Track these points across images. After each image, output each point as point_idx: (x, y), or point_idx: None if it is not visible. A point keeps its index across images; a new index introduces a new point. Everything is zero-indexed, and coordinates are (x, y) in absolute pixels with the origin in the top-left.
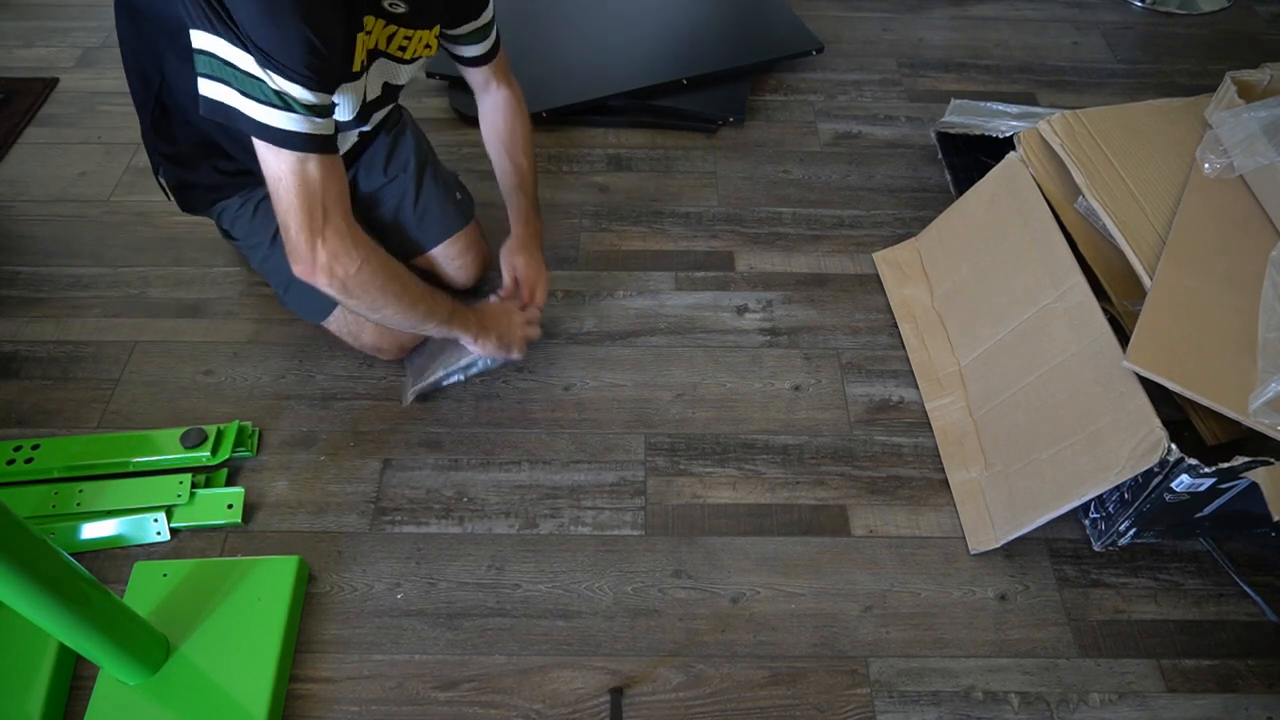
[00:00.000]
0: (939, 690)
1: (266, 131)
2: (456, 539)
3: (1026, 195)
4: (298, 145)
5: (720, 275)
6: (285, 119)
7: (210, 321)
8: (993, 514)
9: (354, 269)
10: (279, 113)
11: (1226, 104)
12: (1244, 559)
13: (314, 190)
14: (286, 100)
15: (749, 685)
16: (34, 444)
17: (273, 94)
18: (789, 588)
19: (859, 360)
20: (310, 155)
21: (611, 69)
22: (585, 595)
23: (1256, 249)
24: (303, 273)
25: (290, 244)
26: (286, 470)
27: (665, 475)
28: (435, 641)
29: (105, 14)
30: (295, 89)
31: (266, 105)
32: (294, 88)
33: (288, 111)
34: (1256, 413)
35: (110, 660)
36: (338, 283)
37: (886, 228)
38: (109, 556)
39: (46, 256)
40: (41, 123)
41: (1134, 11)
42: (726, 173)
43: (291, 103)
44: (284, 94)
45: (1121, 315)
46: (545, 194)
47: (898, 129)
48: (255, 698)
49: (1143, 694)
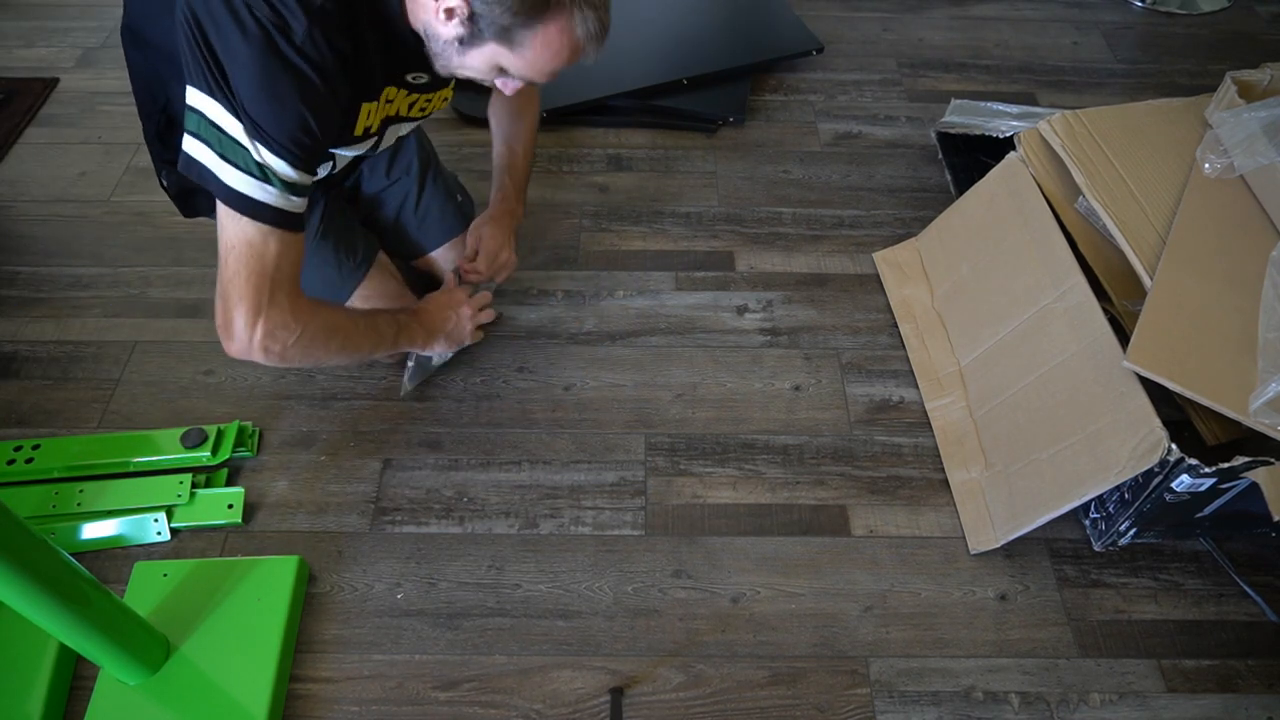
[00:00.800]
0: (939, 690)
1: (237, 198)
2: (456, 539)
3: (1026, 195)
4: (266, 218)
5: (720, 275)
6: (260, 190)
7: (210, 321)
8: (993, 514)
9: (292, 340)
10: (255, 183)
11: (1227, 104)
12: (1244, 559)
13: (267, 266)
14: (266, 173)
15: (749, 685)
16: (34, 444)
17: (254, 164)
18: (789, 588)
19: (859, 360)
20: (275, 230)
21: (611, 69)
22: (585, 595)
23: (1256, 249)
24: (236, 352)
25: (224, 318)
26: (286, 470)
27: (665, 475)
28: (435, 641)
29: (105, 14)
30: (279, 164)
31: (245, 173)
32: (278, 162)
33: (265, 184)
34: (1256, 413)
35: (110, 660)
36: (274, 356)
37: (886, 228)
38: (109, 556)
39: (46, 256)
40: (41, 123)
41: (1134, 11)
42: (726, 173)
43: (271, 176)
44: (266, 166)
45: (1121, 315)
46: (545, 194)
47: (898, 129)
48: (255, 698)
49: (1143, 694)
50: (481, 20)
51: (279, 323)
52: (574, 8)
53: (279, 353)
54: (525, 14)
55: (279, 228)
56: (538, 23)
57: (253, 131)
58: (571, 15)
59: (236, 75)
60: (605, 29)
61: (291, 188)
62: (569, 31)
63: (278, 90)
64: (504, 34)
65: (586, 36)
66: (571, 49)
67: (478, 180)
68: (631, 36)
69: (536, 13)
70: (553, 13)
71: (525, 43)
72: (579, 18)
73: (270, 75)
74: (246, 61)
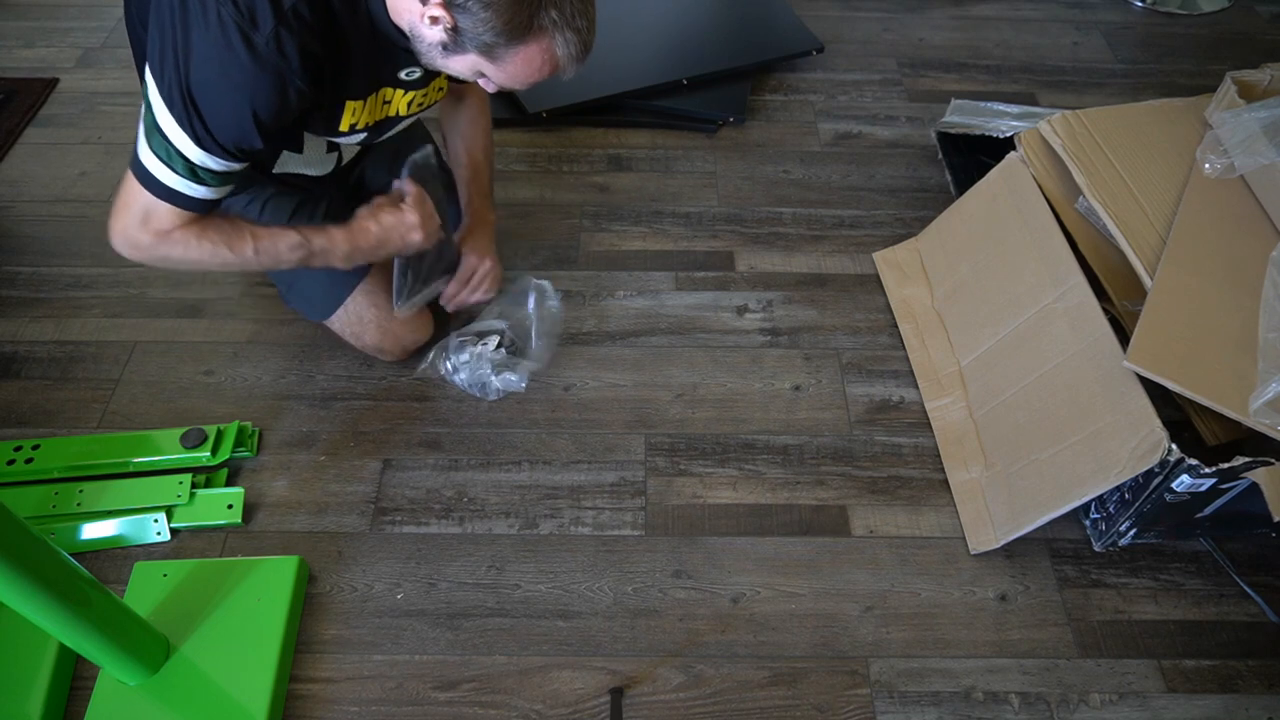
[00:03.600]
0: (939, 690)
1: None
2: (456, 539)
3: (1027, 195)
4: (163, 195)
5: (720, 275)
6: (175, 179)
7: (210, 321)
8: (993, 514)
9: (171, 257)
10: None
11: (1227, 104)
12: (1244, 559)
13: (156, 221)
14: (194, 169)
15: (749, 685)
16: (34, 444)
17: (174, 153)
18: (789, 588)
19: (859, 360)
20: (173, 209)
21: (611, 69)
22: (585, 595)
23: (1256, 249)
24: (114, 247)
25: (111, 219)
26: (286, 470)
27: (665, 475)
28: (435, 642)
29: (105, 14)
30: (207, 158)
31: (161, 161)
32: (207, 158)
33: (189, 180)
34: (1256, 413)
35: (110, 660)
36: (149, 265)
37: (886, 228)
38: (109, 556)
39: (46, 256)
40: (41, 123)
41: (1134, 11)
42: (726, 173)
43: (198, 171)
44: (188, 159)
45: (1121, 315)
46: (545, 194)
47: (898, 129)
48: (255, 698)
49: (1143, 694)
50: (465, 34)
51: (154, 247)
52: (556, 31)
53: (152, 263)
54: (508, 36)
55: (176, 206)
56: (520, 43)
57: (188, 120)
58: (554, 38)
59: (190, 64)
60: (587, 49)
61: (216, 177)
62: (549, 51)
63: (225, 86)
64: (486, 49)
65: (567, 58)
66: (552, 66)
67: None
68: (631, 36)
69: (519, 35)
70: (535, 35)
71: (506, 59)
72: (560, 40)
73: (223, 71)
74: (203, 53)
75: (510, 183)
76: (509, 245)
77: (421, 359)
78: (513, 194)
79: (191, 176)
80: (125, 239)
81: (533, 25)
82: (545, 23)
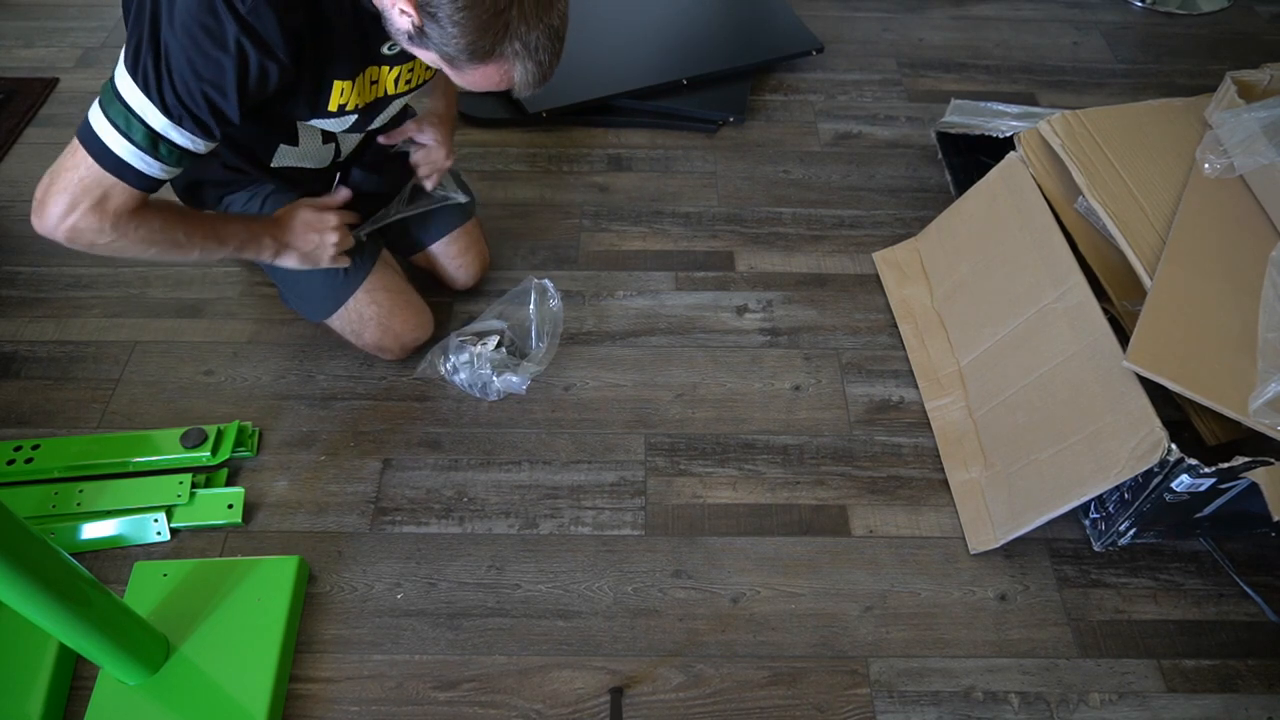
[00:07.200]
0: (939, 690)
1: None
2: (456, 539)
3: (1026, 195)
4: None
5: (720, 275)
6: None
7: (210, 321)
8: (993, 514)
9: (102, 242)
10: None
11: (1226, 104)
12: (1244, 559)
13: (101, 199)
14: (155, 141)
15: (749, 685)
16: (34, 444)
17: (134, 120)
18: (789, 588)
19: (859, 360)
20: (121, 184)
21: (611, 69)
22: (585, 595)
23: (1256, 249)
24: (41, 231)
25: (42, 195)
26: (286, 470)
27: (665, 475)
28: (435, 641)
29: (105, 14)
30: (173, 130)
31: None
32: (173, 129)
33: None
34: (1256, 413)
35: (110, 660)
36: (80, 248)
37: (886, 228)
38: (109, 556)
39: (46, 256)
40: (41, 123)
41: (1134, 11)
42: (726, 173)
43: (158, 144)
44: (152, 129)
45: (1121, 315)
46: (545, 194)
47: (898, 129)
48: (255, 698)
49: (1143, 694)
50: (430, 38)
51: (91, 226)
52: (517, 60)
53: (84, 247)
54: (469, 55)
55: (124, 181)
56: (480, 63)
57: (158, 86)
58: (514, 64)
59: (173, 28)
60: (546, 79)
61: (175, 153)
62: (508, 74)
63: (205, 49)
64: (447, 57)
65: (524, 83)
66: (508, 85)
67: (478, 180)
68: (631, 36)
69: (480, 58)
70: (495, 59)
71: (465, 69)
72: (520, 69)
73: (205, 34)
74: (185, 19)
75: (510, 183)
76: (509, 245)
77: (421, 359)
78: (513, 194)
79: (149, 148)
80: (63, 220)
81: (494, 51)
82: (508, 51)
